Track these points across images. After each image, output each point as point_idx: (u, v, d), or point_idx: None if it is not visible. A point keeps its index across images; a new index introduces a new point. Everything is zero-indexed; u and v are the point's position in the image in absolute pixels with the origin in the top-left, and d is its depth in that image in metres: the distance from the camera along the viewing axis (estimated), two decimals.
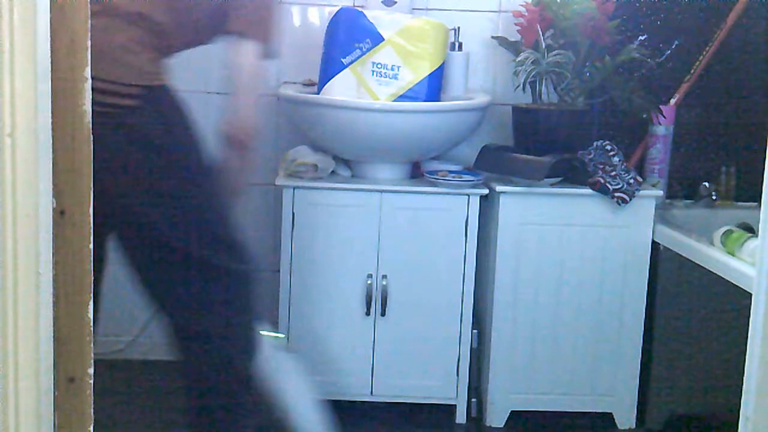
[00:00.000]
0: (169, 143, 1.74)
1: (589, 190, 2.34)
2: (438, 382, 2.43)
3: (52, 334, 1.04)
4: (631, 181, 2.35)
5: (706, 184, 2.61)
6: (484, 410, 2.46)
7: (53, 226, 1.02)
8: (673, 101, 2.61)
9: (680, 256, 2.24)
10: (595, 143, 2.43)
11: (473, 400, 2.48)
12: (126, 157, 1.71)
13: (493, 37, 2.60)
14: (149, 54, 1.74)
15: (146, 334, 2.78)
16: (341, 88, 2.38)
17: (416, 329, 2.39)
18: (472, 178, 2.38)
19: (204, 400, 1.86)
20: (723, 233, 2.11)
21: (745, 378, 1.29)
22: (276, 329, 2.45)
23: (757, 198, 1.61)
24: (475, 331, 2.44)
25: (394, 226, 2.35)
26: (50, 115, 0.99)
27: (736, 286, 1.93)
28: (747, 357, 1.28)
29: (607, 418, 2.45)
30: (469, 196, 2.34)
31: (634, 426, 2.44)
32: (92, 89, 1.60)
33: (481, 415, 2.48)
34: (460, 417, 2.45)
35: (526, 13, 2.43)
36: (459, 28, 2.53)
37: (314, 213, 2.28)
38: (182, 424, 1.90)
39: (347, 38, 2.38)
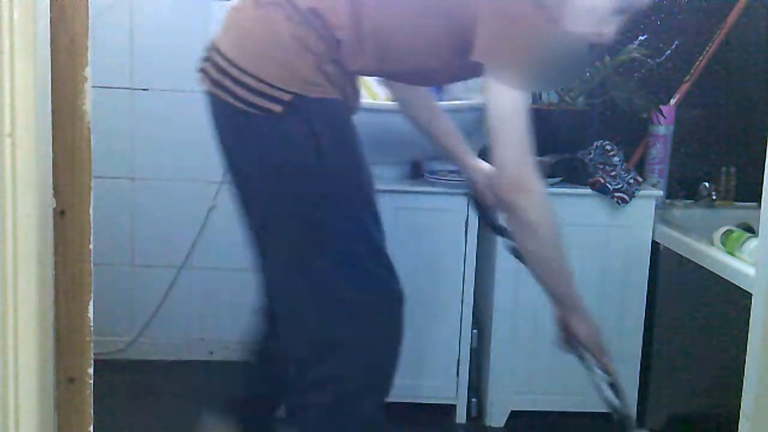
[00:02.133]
0: (305, 162, 1.51)
1: (589, 190, 2.34)
2: (438, 382, 2.43)
3: (52, 334, 1.04)
4: (631, 181, 2.35)
5: (706, 184, 2.61)
6: (484, 410, 2.46)
7: (53, 226, 1.02)
8: (673, 101, 2.61)
9: (680, 256, 2.24)
10: (595, 143, 2.43)
11: (473, 400, 2.48)
12: (255, 165, 1.54)
13: None
14: (315, 61, 1.48)
15: (146, 334, 2.79)
16: None
17: (416, 329, 2.38)
18: None
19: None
20: (723, 233, 2.11)
21: (745, 378, 1.29)
22: None
23: (757, 198, 1.61)
24: (475, 331, 2.44)
25: (393, 226, 2.34)
26: (50, 115, 0.99)
27: (736, 286, 1.92)
28: (747, 357, 1.28)
29: (607, 418, 2.45)
30: (469, 196, 2.34)
31: None
32: (241, 84, 1.49)
33: (481, 415, 2.48)
34: (460, 417, 2.45)
35: None
36: None
37: None
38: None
39: None
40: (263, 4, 1.52)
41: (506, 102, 1.47)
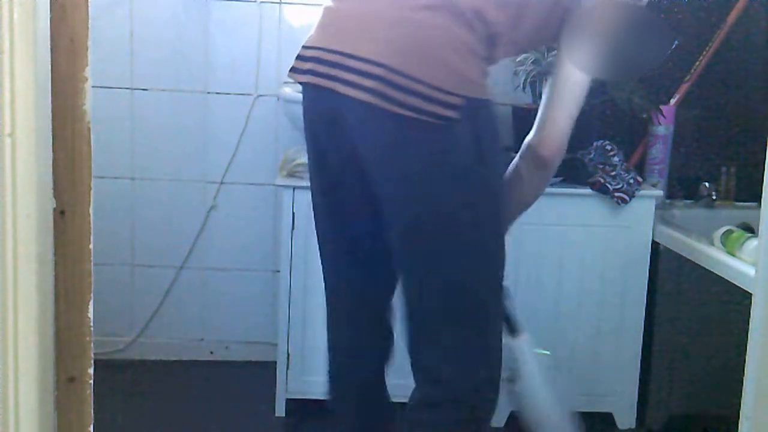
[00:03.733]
0: (474, 168, 1.52)
1: (589, 190, 2.34)
2: None
3: (52, 334, 1.04)
4: (631, 181, 2.35)
5: (706, 184, 2.61)
6: None
7: (53, 226, 1.02)
8: (673, 101, 2.61)
9: (680, 256, 2.24)
10: (595, 143, 2.43)
11: None
12: (427, 173, 1.51)
13: None
14: (477, 62, 1.50)
15: (146, 334, 2.79)
16: None
17: None
18: None
19: None
20: (723, 233, 2.11)
21: (744, 378, 1.29)
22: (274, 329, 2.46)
23: (757, 198, 1.61)
24: None
25: None
26: (50, 115, 0.99)
27: (736, 286, 1.93)
28: (747, 357, 1.28)
29: (607, 418, 2.45)
30: None
31: (634, 426, 2.43)
32: (411, 92, 1.44)
33: None
34: None
35: None
36: None
37: None
38: None
39: None
40: (419, 8, 1.48)
41: (576, 79, 1.62)
